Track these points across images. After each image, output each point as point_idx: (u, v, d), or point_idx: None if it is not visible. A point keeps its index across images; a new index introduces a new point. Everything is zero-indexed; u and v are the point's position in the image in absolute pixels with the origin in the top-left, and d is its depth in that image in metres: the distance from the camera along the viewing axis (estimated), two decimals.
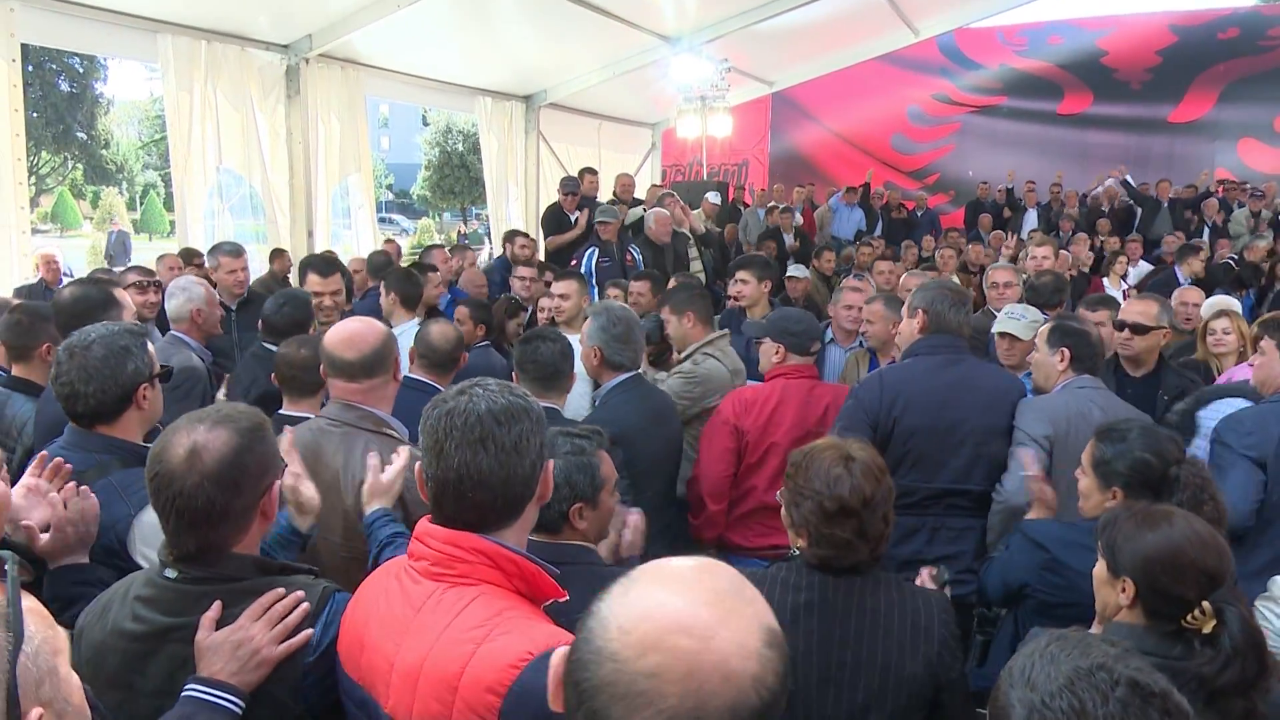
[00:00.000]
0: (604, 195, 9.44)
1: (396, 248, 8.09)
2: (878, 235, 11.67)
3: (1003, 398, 3.16)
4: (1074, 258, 8.39)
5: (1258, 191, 12.20)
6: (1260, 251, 8.99)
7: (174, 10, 7.08)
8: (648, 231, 7.90)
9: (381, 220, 20.92)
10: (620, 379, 3.34)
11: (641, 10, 9.68)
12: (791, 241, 11.07)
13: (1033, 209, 13.13)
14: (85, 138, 37.04)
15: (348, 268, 4.67)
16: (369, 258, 7.06)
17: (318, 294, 4.44)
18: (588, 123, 12.41)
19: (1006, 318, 3.93)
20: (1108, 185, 13.10)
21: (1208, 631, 1.68)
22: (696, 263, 8.65)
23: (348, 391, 2.46)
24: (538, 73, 10.87)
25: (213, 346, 4.20)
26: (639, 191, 10.03)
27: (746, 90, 13.63)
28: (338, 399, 2.49)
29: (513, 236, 7.78)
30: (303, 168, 8.40)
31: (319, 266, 4.62)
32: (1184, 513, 1.87)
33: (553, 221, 8.40)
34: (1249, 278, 8.16)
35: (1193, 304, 5.39)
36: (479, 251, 11.50)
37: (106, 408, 2.18)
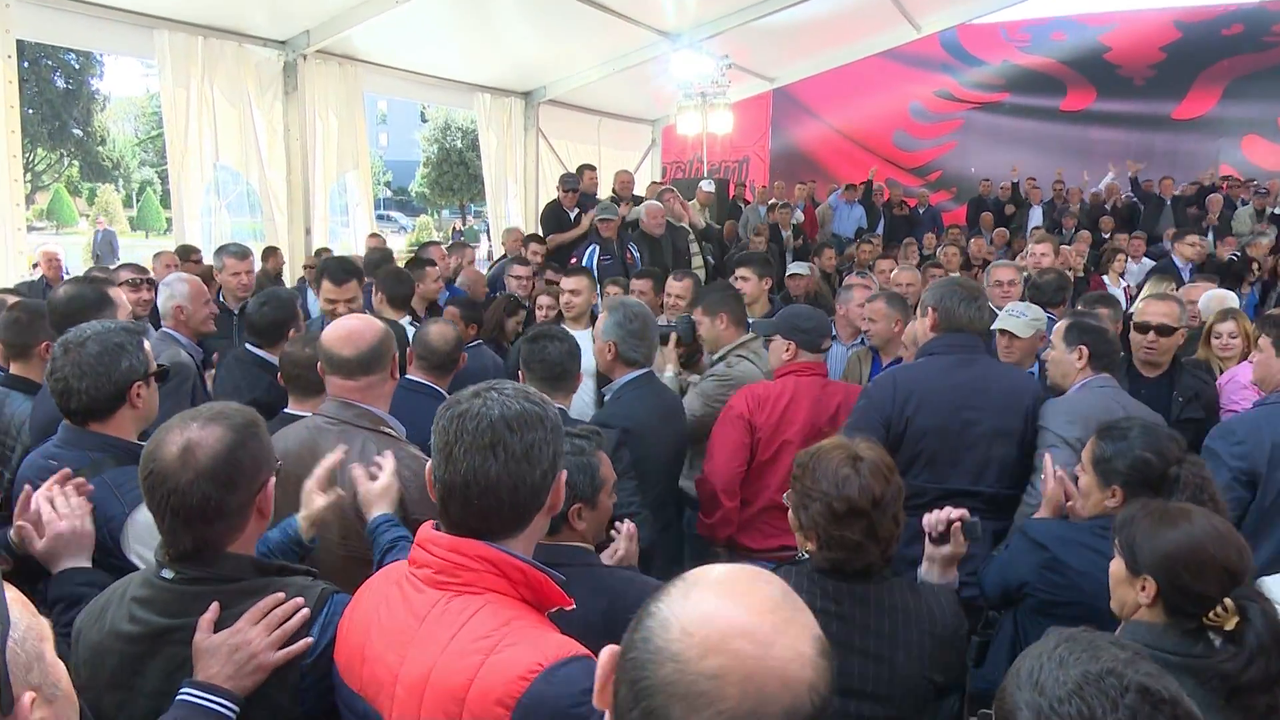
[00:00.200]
0: (603, 192, 9.44)
1: (381, 242, 8.05)
2: (879, 233, 11.66)
3: (1018, 399, 3.13)
4: (1072, 255, 8.39)
5: (1262, 189, 12.19)
6: (1263, 248, 8.99)
7: (171, 6, 7.08)
8: (641, 224, 7.92)
9: (379, 218, 20.91)
10: (633, 375, 3.34)
11: (641, 6, 9.68)
12: (791, 238, 11.06)
13: (1038, 205, 13.12)
14: (81, 134, 37.04)
15: (362, 273, 4.38)
16: (366, 254, 7.07)
17: (331, 301, 4.12)
18: (587, 119, 12.41)
19: (1006, 315, 3.93)
20: (1109, 182, 13.09)
21: (1230, 628, 1.67)
22: (697, 258, 8.66)
23: (345, 389, 2.46)
24: (537, 69, 10.87)
25: (213, 350, 4.18)
26: (638, 189, 10.03)
27: (747, 86, 13.62)
28: (335, 397, 2.48)
29: (528, 242, 7.80)
30: (300, 165, 8.40)
31: (333, 273, 4.24)
32: (1202, 510, 1.87)
33: (552, 219, 8.40)
34: (1241, 269, 8.18)
35: (1189, 300, 5.38)
36: (475, 248, 11.50)
37: (100, 405, 2.18)
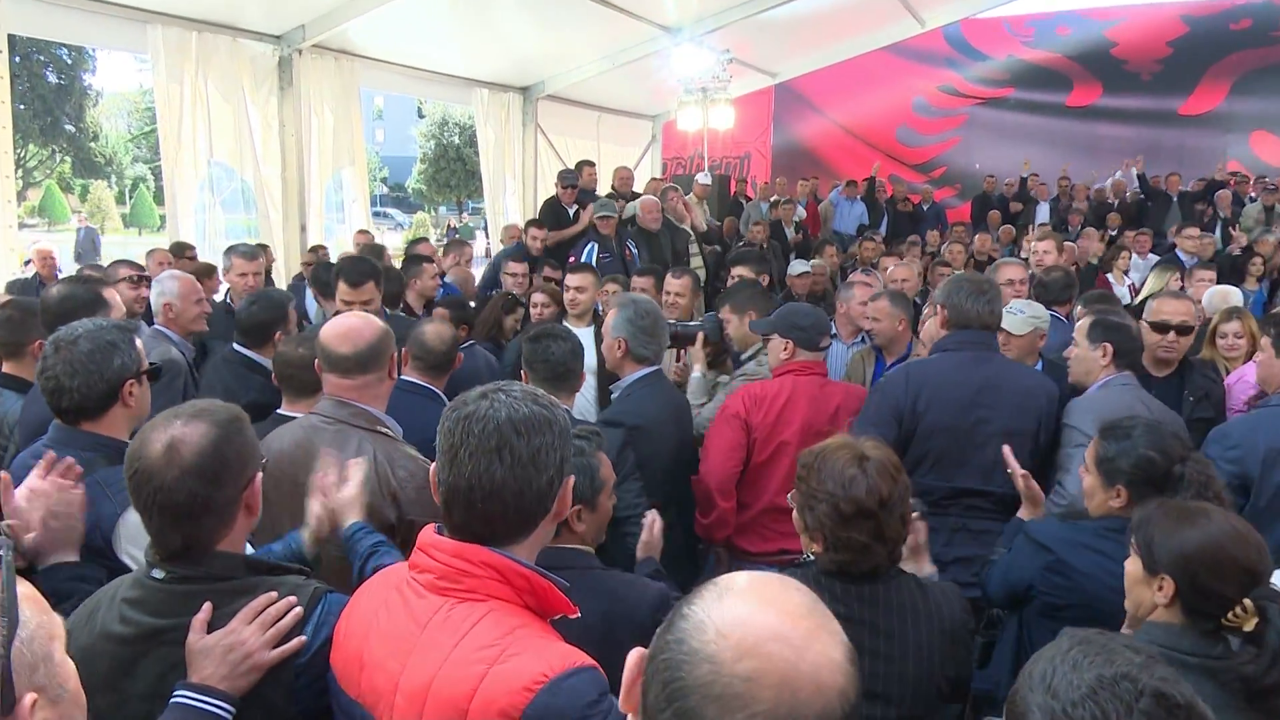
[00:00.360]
0: (603, 189, 9.44)
1: (370, 238, 8.03)
2: (882, 230, 11.66)
3: (1031, 400, 3.12)
4: (1092, 245, 8.41)
5: (1270, 185, 12.18)
6: (1270, 245, 8.99)
7: (164, 0, 7.07)
8: (637, 219, 7.92)
9: (376, 214, 20.89)
10: (643, 372, 3.34)
11: (641, 0, 9.68)
12: (794, 235, 11.07)
13: (1045, 202, 13.11)
14: (73, 130, 37.03)
15: (380, 273, 4.26)
16: (360, 252, 7.06)
17: (347, 304, 3.99)
18: (587, 115, 12.40)
19: (1004, 312, 3.94)
20: (1117, 178, 13.09)
21: (1249, 629, 1.67)
22: (697, 259, 8.65)
23: (341, 388, 2.46)
24: (536, 64, 10.86)
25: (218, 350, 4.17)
26: (638, 185, 10.03)
27: (749, 81, 13.61)
28: (331, 395, 2.48)
29: (529, 226, 7.81)
30: (295, 161, 8.39)
31: (349, 275, 4.09)
32: (1220, 509, 1.86)
33: (551, 215, 8.40)
34: (1242, 262, 8.19)
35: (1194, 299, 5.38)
36: (472, 246, 11.47)
37: (91, 403, 2.18)
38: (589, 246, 7.35)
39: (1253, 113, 14.49)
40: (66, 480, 1.93)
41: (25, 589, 0.96)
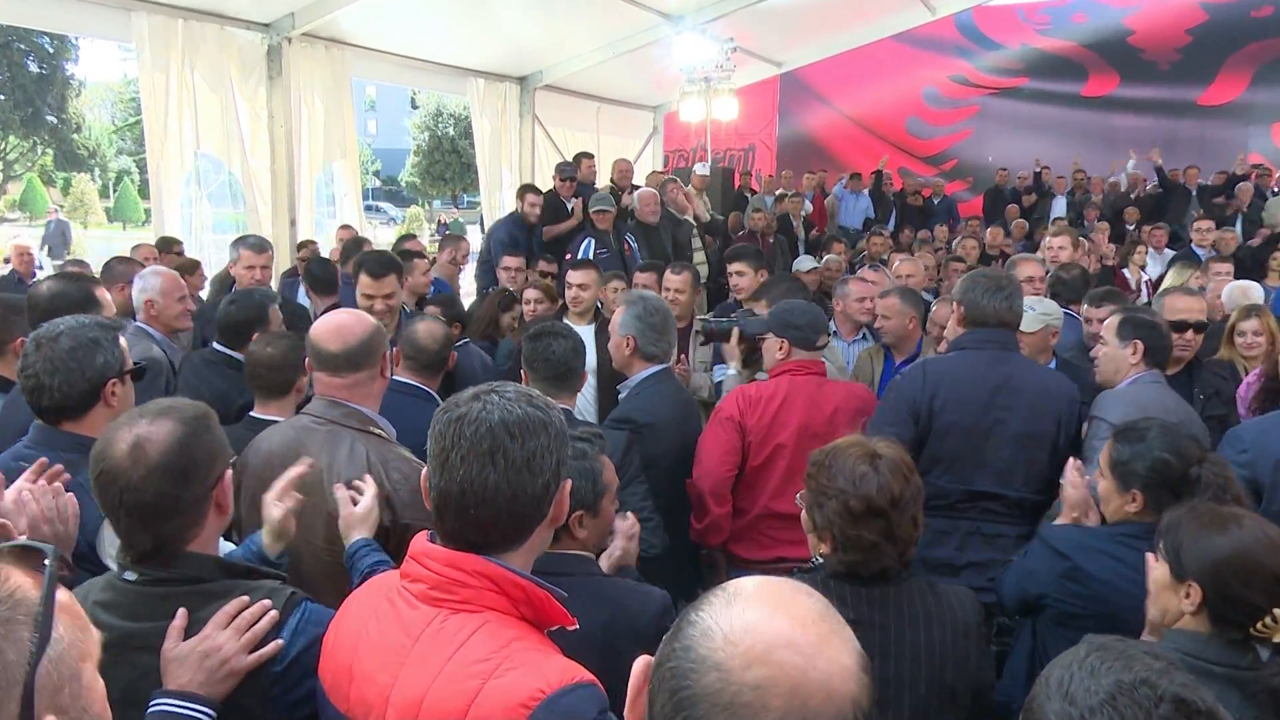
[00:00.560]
0: (602, 182, 9.44)
1: (353, 233, 8.02)
2: (889, 225, 11.65)
3: (1049, 400, 3.13)
4: (1102, 244, 8.40)
5: None
6: None
7: None
8: (636, 213, 7.91)
9: (368, 208, 20.89)
10: (652, 370, 3.37)
11: None
12: (802, 230, 11.06)
13: (1061, 195, 13.08)
14: (55, 121, 37.09)
15: (401, 266, 4.31)
16: (343, 245, 7.08)
17: (368, 297, 4.02)
18: (586, 105, 12.38)
19: None
20: (1132, 171, 13.07)
21: (1279, 640, 1.67)
22: (700, 253, 8.65)
23: (332, 387, 2.45)
24: (533, 53, 10.85)
25: None
26: (639, 178, 10.02)
27: (753, 71, 13.60)
28: (322, 395, 2.47)
29: (524, 193, 7.81)
30: (285, 153, 8.38)
31: (371, 267, 4.15)
32: (1253, 515, 1.87)
33: (548, 209, 8.39)
34: (1262, 254, 8.17)
35: (1214, 295, 5.40)
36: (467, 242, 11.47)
37: (72, 402, 2.18)
38: (586, 242, 7.33)
39: (1275, 103, 14.47)
40: (55, 486, 1.92)
41: (65, 599, 0.96)
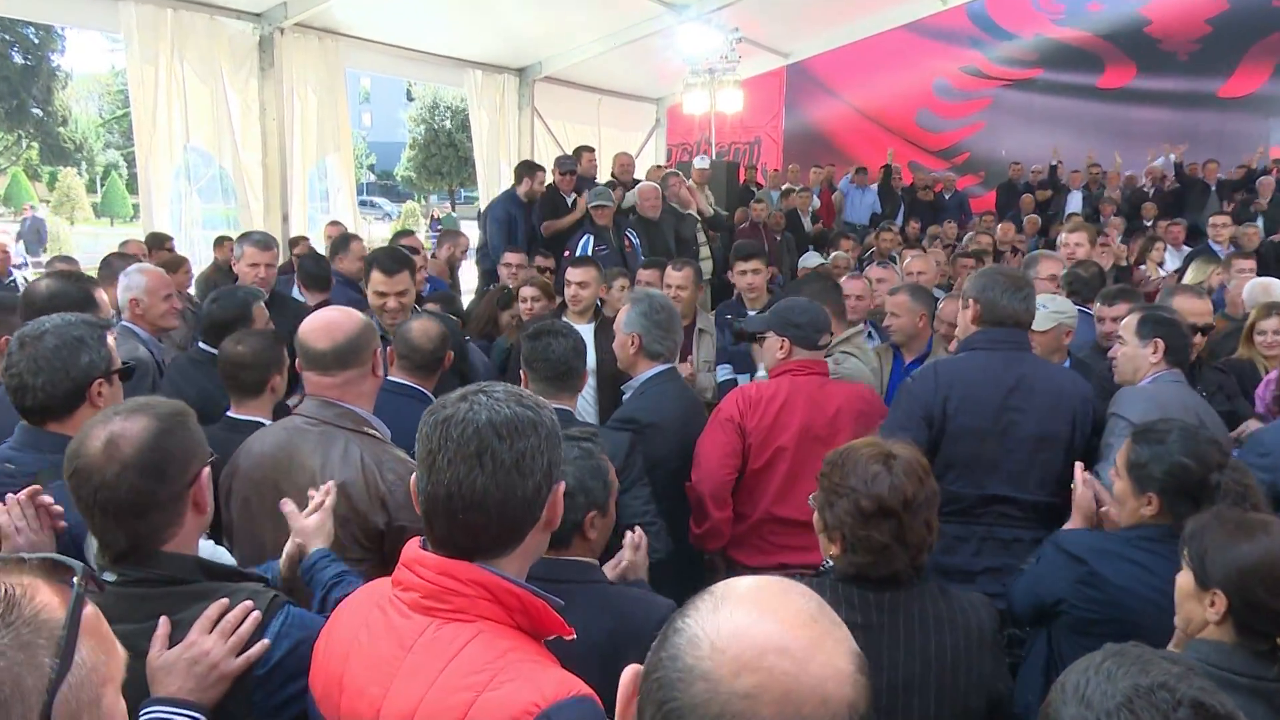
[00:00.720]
0: (603, 176, 9.43)
1: (341, 229, 8.02)
2: (898, 221, 11.63)
3: (1064, 401, 3.12)
4: (1114, 241, 8.38)
5: None
6: None
7: None
8: (637, 208, 7.90)
9: (362, 203, 20.86)
10: (658, 369, 3.38)
11: None
12: (811, 225, 11.05)
13: (1077, 190, 13.05)
14: (41, 114, 37.14)
15: (414, 263, 4.30)
16: (331, 241, 7.06)
17: (381, 294, 4.01)
18: (586, 98, 12.39)
19: None
20: (1151, 166, 13.05)
21: None
22: (704, 249, 8.63)
23: (322, 386, 2.45)
24: (532, 43, 10.85)
25: None
26: (640, 172, 10.01)
27: (759, 62, 13.60)
28: (314, 395, 2.47)
29: (532, 171, 7.79)
30: (277, 147, 8.39)
31: (383, 263, 4.13)
32: None
33: (548, 204, 8.38)
34: (1270, 253, 8.15)
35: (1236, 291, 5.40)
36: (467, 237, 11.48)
37: (57, 402, 2.18)
38: (585, 238, 7.31)
39: None
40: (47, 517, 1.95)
41: (91, 620, 0.95)
